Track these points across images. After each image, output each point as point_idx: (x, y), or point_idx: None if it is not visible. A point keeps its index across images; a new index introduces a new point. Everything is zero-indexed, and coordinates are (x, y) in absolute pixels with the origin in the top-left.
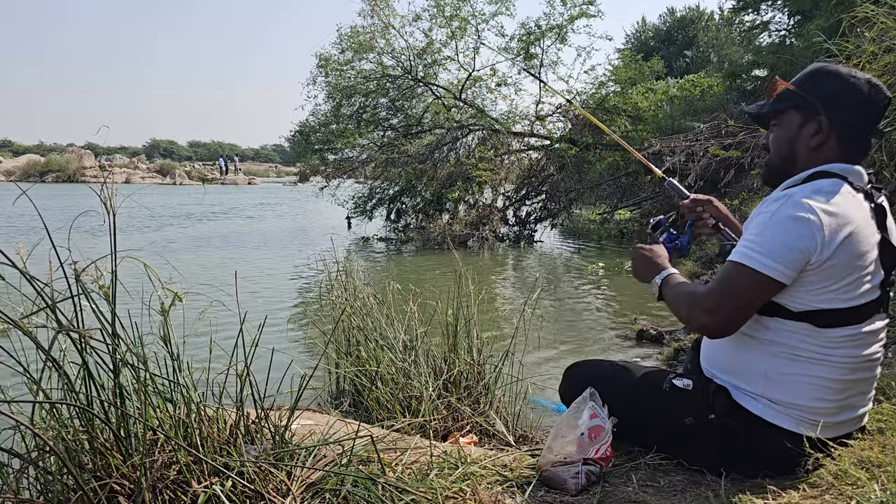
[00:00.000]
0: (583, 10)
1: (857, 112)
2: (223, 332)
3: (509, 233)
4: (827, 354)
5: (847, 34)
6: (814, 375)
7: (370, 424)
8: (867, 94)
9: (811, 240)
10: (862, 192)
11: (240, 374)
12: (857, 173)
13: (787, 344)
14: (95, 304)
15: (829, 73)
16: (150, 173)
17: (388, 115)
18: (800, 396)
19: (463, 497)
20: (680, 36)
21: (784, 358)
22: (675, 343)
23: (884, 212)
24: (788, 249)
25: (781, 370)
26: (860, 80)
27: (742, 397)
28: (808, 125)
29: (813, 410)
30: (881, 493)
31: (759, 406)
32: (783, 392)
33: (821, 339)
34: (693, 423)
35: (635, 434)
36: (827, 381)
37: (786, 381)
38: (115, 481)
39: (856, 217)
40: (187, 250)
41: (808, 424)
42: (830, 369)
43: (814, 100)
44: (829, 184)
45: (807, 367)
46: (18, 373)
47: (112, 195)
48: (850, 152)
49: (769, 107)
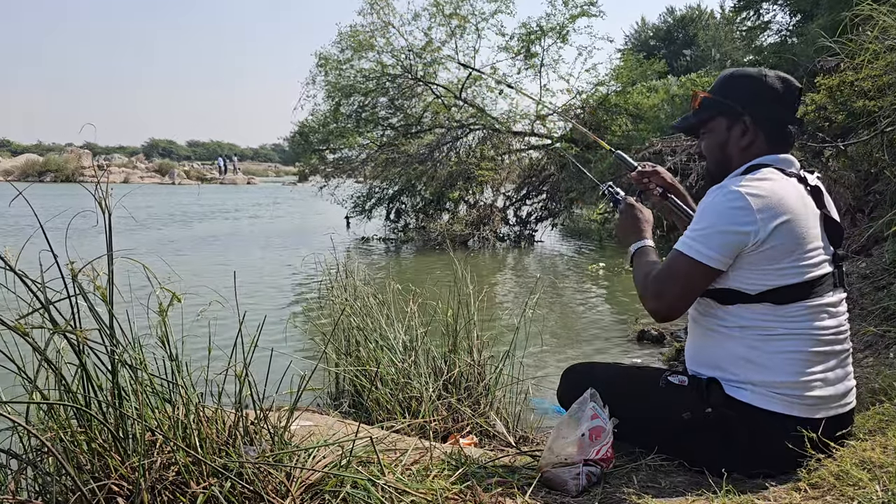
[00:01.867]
0: (584, 9)
1: (776, 107)
2: (222, 333)
3: (510, 233)
4: (790, 328)
5: (848, 32)
6: (785, 351)
7: (370, 425)
8: (780, 88)
9: (745, 225)
10: (794, 177)
11: (239, 375)
12: (787, 161)
13: (755, 326)
14: (91, 305)
15: (742, 77)
16: (149, 173)
17: (387, 115)
18: (776, 374)
19: (463, 498)
20: (680, 35)
21: (757, 340)
22: (676, 343)
23: (819, 191)
24: (722, 236)
25: (758, 351)
26: (771, 76)
27: (731, 388)
28: (734, 128)
29: (791, 385)
30: (883, 494)
31: (746, 394)
32: (764, 373)
33: (781, 314)
34: (691, 417)
35: (635, 434)
36: (797, 354)
37: (764, 361)
38: (113, 482)
39: (788, 197)
40: (186, 250)
41: (793, 404)
42: (797, 342)
43: (734, 103)
44: (763, 172)
45: (778, 344)
46: (16, 374)
47: (107, 195)
48: (778, 145)
49: (694, 118)
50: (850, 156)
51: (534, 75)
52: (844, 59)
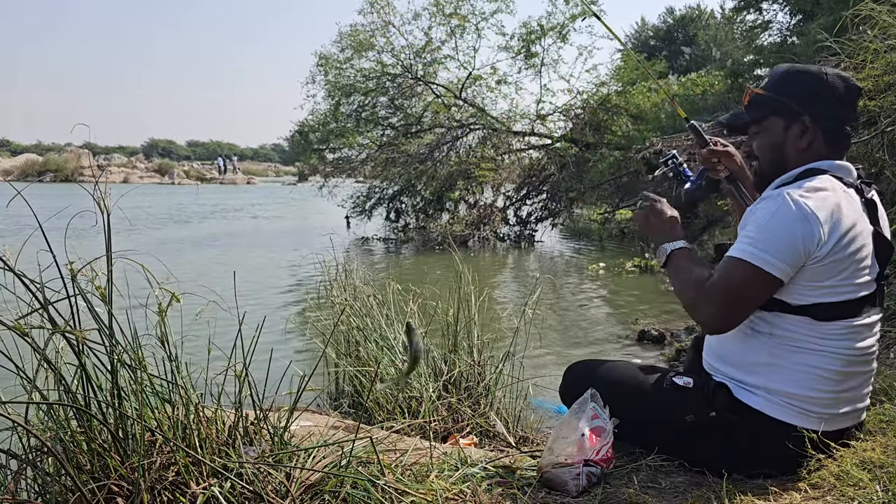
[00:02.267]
0: (584, 9)
1: (836, 106)
2: (222, 333)
3: (510, 233)
4: (824, 345)
5: (848, 31)
6: (812, 366)
7: (370, 425)
8: (841, 86)
9: (810, 237)
10: (853, 188)
11: (238, 375)
12: (846, 169)
13: (787, 336)
14: (90, 305)
15: (801, 73)
16: (149, 173)
17: (387, 114)
18: (797, 386)
19: (463, 499)
20: (680, 35)
21: (784, 349)
22: (677, 343)
23: (874, 206)
24: (787, 246)
25: (781, 360)
26: (831, 74)
27: (741, 392)
28: (792, 128)
29: (810, 400)
30: (883, 495)
31: (758, 400)
32: (781, 382)
33: (819, 331)
34: (694, 420)
35: (636, 434)
36: (824, 372)
37: (785, 372)
38: (113, 482)
39: (850, 212)
40: (186, 250)
41: (806, 417)
42: (828, 359)
43: (790, 101)
44: (822, 181)
45: (805, 358)
46: (15, 374)
47: (105, 195)
48: (836, 148)
49: (748, 116)
50: (850, 155)
51: (534, 75)
52: (844, 59)
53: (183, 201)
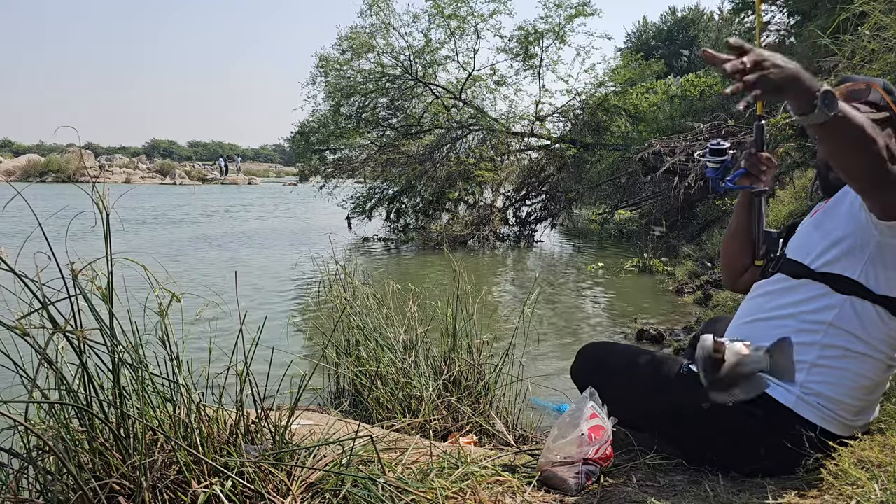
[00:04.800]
0: (579, 10)
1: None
2: (223, 332)
3: (509, 233)
4: (877, 350)
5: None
6: (856, 372)
7: (370, 424)
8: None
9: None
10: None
11: (240, 374)
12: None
13: (847, 330)
14: (91, 304)
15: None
16: (150, 173)
17: (387, 115)
18: (838, 392)
19: (463, 497)
20: (681, 36)
21: (834, 352)
22: (675, 342)
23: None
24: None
25: (828, 363)
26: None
27: (772, 386)
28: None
29: (844, 407)
30: (881, 493)
31: (790, 397)
32: (822, 385)
33: (889, 328)
34: (709, 407)
35: (645, 419)
36: (866, 380)
37: (829, 374)
38: (114, 481)
39: None
40: (187, 250)
41: (832, 421)
42: (872, 365)
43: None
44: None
45: (851, 363)
46: (17, 374)
47: (104, 195)
48: None
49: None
50: None
51: (533, 76)
52: (843, 60)
53: (184, 202)
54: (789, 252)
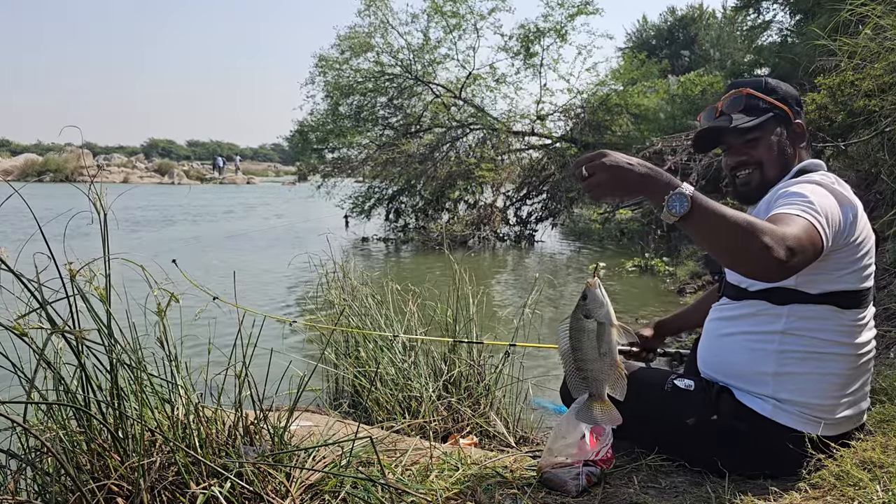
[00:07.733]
0: (581, 8)
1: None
2: (222, 333)
3: (510, 233)
4: (839, 344)
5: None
6: (822, 372)
7: (370, 425)
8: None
9: (846, 215)
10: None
11: (238, 375)
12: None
13: (801, 334)
14: (89, 305)
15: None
16: (149, 172)
17: (387, 114)
18: (810, 395)
19: (463, 499)
20: (681, 34)
21: (792, 357)
22: (677, 343)
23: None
24: (834, 218)
25: (790, 369)
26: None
27: (747, 398)
28: (789, 130)
29: (822, 408)
30: (883, 494)
31: (766, 407)
32: (793, 392)
33: (842, 322)
34: (695, 423)
35: (636, 435)
36: (835, 377)
37: (796, 381)
38: (113, 482)
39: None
40: (185, 250)
41: (816, 424)
42: (837, 361)
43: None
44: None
45: (814, 365)
46: (15, 374)
47: (101, 195)
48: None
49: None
50: (850, 155)
51: (533, 75)
52: (844, 59)
53: (183, 202)
54: (728, 275)
